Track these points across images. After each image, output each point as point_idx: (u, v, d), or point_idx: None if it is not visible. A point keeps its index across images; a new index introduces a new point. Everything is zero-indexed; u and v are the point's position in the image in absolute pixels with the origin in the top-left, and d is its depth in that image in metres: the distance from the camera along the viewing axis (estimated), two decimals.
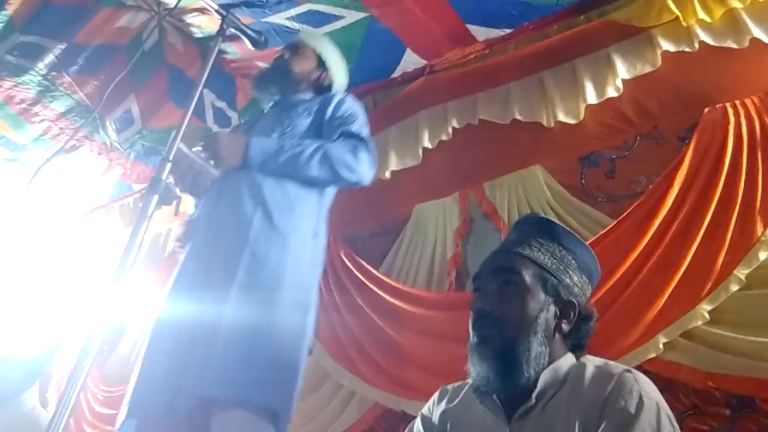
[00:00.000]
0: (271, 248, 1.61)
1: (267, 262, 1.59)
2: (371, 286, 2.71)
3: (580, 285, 1.22)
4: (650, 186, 2.32)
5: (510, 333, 1.13)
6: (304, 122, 1.87)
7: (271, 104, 2.05)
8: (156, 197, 1.39)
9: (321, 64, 2.07)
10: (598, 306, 2.11)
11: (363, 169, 1.77)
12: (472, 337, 1.17)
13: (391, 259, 2.84)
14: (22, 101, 3.29)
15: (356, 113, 1.89)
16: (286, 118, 1.88)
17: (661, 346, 2.01)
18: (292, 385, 1.53)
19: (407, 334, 2.51)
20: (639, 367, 2.00)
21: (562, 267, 1.20)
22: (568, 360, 1.17)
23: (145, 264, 3.47)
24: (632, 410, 1.00)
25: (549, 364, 1.14)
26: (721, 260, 2.03)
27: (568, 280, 1.19)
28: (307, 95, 2.03)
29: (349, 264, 2.84)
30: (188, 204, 1.87)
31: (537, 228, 1.25)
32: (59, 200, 4.03)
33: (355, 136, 1.81)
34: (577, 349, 1.21)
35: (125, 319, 3.65)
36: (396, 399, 2.46)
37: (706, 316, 2.00)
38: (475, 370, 1.16)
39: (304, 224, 1.71)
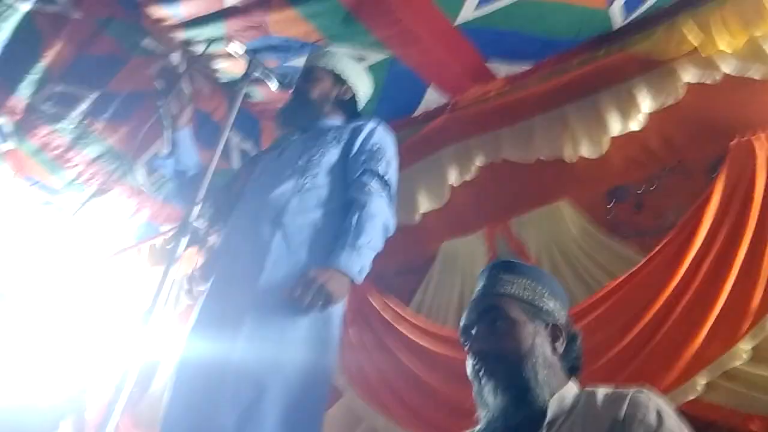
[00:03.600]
0: (288, 276, 1.54)
1: (283, 292, 1.51)
2: (399, 326, 2.67)
3: (557, 309, 1.28)
4: (678, 221, 2.27)
5: (514, 361, 1.18)
6: (334, 152, 1.81)
7: (298, 132, 1.99)
8: (185, 239, 1.42)
9: (337, 79, 2.01)
10: (631, 346, 2.09)
11: (392, 223, 1.78)
12: (478, 378, 1.21)
13: (420, 298, 2.80)
14: (57, 147, 3.39)
15: (384, 147, 1.82)
16: (314, 146, 1.82)
17: (699, 387, 1.95)
18: (313, 427, 1.47)
19: (438, 376, 2.46)
20: (676, 410, 1.93)
21: (536, 296, 1.27)
22: (571, 388, 1.20)
23: (174, 304, 3.51)
24: (653, 422, 1.02)
25: (554, 392, 1.16)
26: (758, 296, 1.96)
27: (546, 307, 1.26)
28: (336, 120, 1.97)
29: (376, 304, 2.81)
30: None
31: (501, 270, 1.33)
32: (90, 242, 4.11)
33: (377, 176, 1.74)
34: (574, 371, 1.26)
35: (156, 361, 3.66)
36: None
37: (744, 356, 1.93)
38: (488, 408, 1.18)
39: (325, 250, 1.63)
